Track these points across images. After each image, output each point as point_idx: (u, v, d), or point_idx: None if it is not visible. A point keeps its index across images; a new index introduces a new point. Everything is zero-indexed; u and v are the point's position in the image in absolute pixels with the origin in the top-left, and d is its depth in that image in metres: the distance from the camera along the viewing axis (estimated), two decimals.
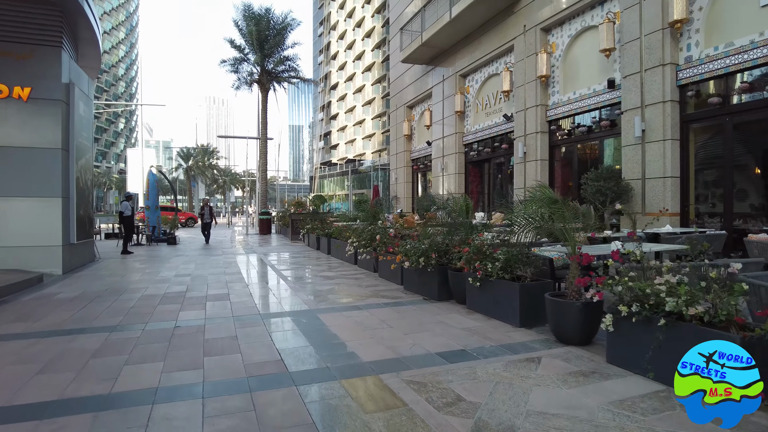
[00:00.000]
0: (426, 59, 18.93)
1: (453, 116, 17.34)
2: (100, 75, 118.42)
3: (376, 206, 23.98)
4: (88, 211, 10.11)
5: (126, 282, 7.98)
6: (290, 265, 10.05)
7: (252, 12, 20.44)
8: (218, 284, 7.59)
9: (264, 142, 22.57)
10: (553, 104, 12.94)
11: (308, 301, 6.09)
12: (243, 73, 21.68)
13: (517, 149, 13.68)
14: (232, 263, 10.44)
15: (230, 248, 14.53)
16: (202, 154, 71.73)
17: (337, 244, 10.63)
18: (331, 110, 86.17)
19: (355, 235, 8.63)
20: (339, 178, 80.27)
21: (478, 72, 16.45)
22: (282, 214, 20.94)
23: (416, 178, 22.21)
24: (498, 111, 15.44)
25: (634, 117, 10.01)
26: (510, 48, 14.40)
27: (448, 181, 17.84)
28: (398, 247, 6.56)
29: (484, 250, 5.10)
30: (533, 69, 13.11)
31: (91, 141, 10.35)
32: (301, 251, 13.02)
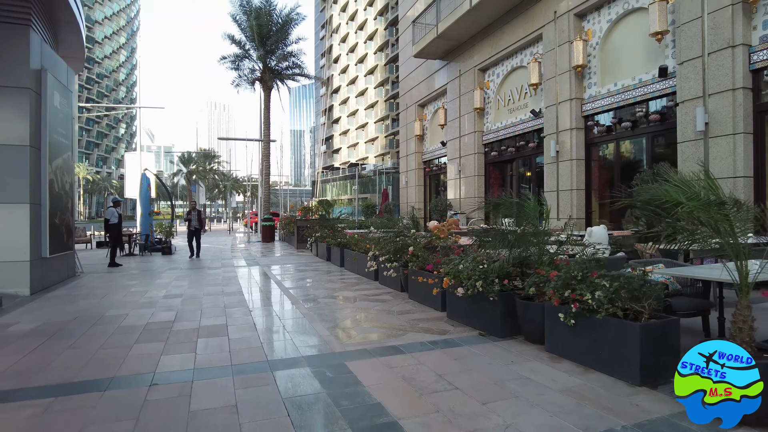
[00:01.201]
0: (440, 53, 17.62)
1: (471, 114, 16.00)
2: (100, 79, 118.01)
3: (385, 210, 22.69)
4: (66, 220, 8.75)
5: (104, 306, 6.61)
6: (299, 282, 8.68)
7: (251, 5, 19.13)
8: (215, 310, 6.22)
9: (267, 144, 21.25)
10: (589, 97, 11.59)
11: (329, 337, 4.72)
12: (244, 70, 20.38)
13: (549, 148, 12.33)
14: (232, 279, 9.07)
15: (230, 259, 13.16)
16: (202, 159, 70.53)
17: (353, 256, 9.24)
18: (333, 114, 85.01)
19: (377, 246, 7.24)
20: (342, 183, 78.97)
21: (500, 65, 15.12)
22: (287, 220, 19.56)
23: (429, 181, 20.86)
24: (524, 107, 14.09)
25: (695, 108, 8.66)
26: (538, 37, 13.07)
27: (466, 184, 16.49)
28: (440, 264, 5.18)
29: (575, 274, 3.73)
30: (566, 59, 11.78)
31: (70, 139, 9.01)
32: (309, 263, 11.64)
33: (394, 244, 6.71)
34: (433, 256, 5.87)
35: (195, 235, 13.67)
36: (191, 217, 14.15)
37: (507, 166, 15.46)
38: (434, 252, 6.15)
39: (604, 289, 3.51)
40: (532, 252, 4.53)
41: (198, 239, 13.71)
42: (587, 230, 5.56)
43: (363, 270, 8.39)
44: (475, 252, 5.07)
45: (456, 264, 4.72)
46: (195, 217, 13.99)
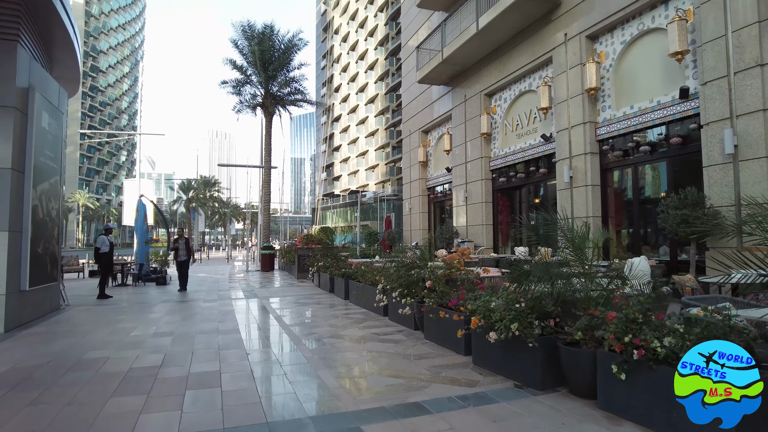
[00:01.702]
0: (445, 79, 17.36)
1: (478, 139, 15.59)
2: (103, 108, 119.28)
3: (388, 238, 22.06)
4: (50, 249, 8.12)
5: (84, 346, 5.92)
6: (301, 317, 7.99)
7: (254, 31, 18.98)
8: (208, 352, 5.53)
9: (267, 170, 20.80)
10: (604, 121, 11.16)
11: (337, 389, 4.04)
12: (245, 95, 20.10)
13: (562, 173, 11.82)
14: (228, 314, 8.37)
15: (227, 290, 12.46)
16: (202, 186, 70.22)
17: (359, 289, 8.55)
18: (333, 142, 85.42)
19: (387, 279, 6.60)
20: (342, 210, 78.61)
21: (507, 90, 14.79)
22: (287, 249, 18.91)
23: (433, 209, 20.32)
24: (533, 131, 13.67)
25: (723, 130, 8.17)
26: (547, 60, 12.76)
27: (473, 211, 15.93)
28: (465, 300, 4.54)
29: (636, 317, 3.10)
30: (578, 82, 11.40)
31: (60, 162, 8.48)
32: (311, 295, 10.95)
33: (408, 277, 6.06)
34: (455, 290, 5.22)
35: (183, 267, 12.31)
36: (178, 245, 12.62)
37: (516, 193, 14.95)
38: (455, 286, 5.50)
39: (676, 335, 2.87)
40: (578, 288, 3.89)
41: (185, 271, 12.32)
42: (628, 262, 4.96)
43: (371, 304, 7.71)
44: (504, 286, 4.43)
45: (486, 301, 4.07)
46: (182, 246, 12.55)
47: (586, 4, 11.30)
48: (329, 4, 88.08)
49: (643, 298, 3.29)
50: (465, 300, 4.59)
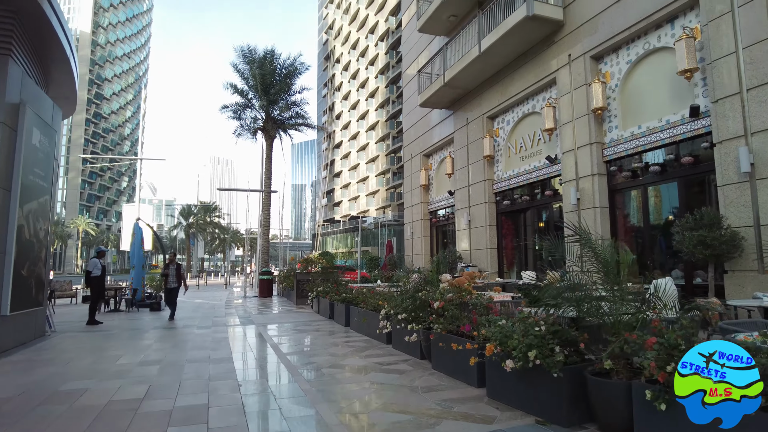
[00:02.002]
0: (447, 102, 17.28)
1: (481, 162, 15.36)
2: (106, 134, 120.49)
3: (390, 263, 21.63)
4: (36, 271, 7.73)
5: (64, 376, 5.48)
6: (299, 345, 7.54)
7: (254, 55, 19.05)
8: (197, 383, 5.09)
9: (267, 195, 20.55)
10: (611, 142, 10.92)
11: (339, 426, 3.62)
12: (246, 119, 20.04)
13: (569, 195, 11.51)
14: (222, 342, 7.91)
15: (223, 316, 11.98)
16: (202, 212, 70.07)
17: (361, 314, 8.12)
18: (334, 168, 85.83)
19: (391, 303, 6.18)
20: (342, 235, 78.29)
21: (510, 112, 14.64)
22: (286, 274, 18.45)
23: (435, 233, 19.95)
24: (537, 153, 13.44)
25: (738, 148, 7.89)
26: (551, 82, 12.63)
27: (476, 235, 15.56)
28: (478, 325, 4.13)
29: (678, 342, 2.71)
30: (584, 102, 11.23)
31: (51, 181, 8.18)
32: (310, 321, 10.48)
33: (413, 300, 5.65)
34: (467, 315, 4.81)
35: (172, 295, 11.62)
36: (168, 271, 11.82)
37: (520, 216, 14.62)
38: (466, 310, 5.09)
39: None
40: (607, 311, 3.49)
41: (173, 299, 11.63)
42: (652, 283, 4.58)
43: (373, 331, 7.27)
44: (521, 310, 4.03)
45: (503, 326, 3.67)
46: (173, 272, 11.75)
47: (589, 25, 11.23)
48: (330, 34, 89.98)
49: (687, 322, 2.90)
50: (478, 325, 4.18)
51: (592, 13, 11.12)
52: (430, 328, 5.28)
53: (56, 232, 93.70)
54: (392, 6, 64.50)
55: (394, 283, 8.48)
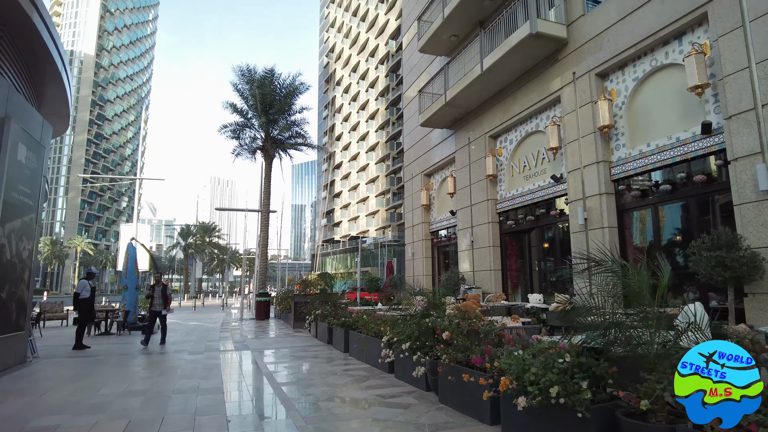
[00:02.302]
0: (448, 122, 17.10)
1: (483, 181, 15.07)
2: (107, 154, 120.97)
3: (390, 284, 21.14)
4: (18, 294, 7.32)
5: (36, 409, 5.02)
6: (296, 374, 7.07)
7: (253, 74, 18.92)
8: (181, 418, 4.64)
9: (266, 215, 20.20)
10: (618, 160, 10.63)
11: None
12: (245, 139, 19.81)
13: (575, 215, 11.17)
14: (213, 369, 7.45)
15: (217, 341, 11.49)
16: (201, 232, 69.63)
17: (361, 340, 7.66)
18: (334, 188, 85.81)
19: (394, 329, 5.76)
20: (341, 256, 77.72)
21: (513, 131, 14.42)
22: (283, 295, 17.95)
23: (437, 253, 19.54)
24: (542, 173, 13.15)
25: (755, 166, 7.58)
26: (555, 100, 12.43)
27: (479, 256, 15.16)
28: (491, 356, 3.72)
29: None
30: (590, 120, 10.98)
31: (37, 200, 7.83)
32: (307, 347, 9.99)
33: (419, 326, 5.23)
34: (477, 345, 4.39)
35: (156, 320, 10.91)
36: (154, 293, 10.99)
37: (525, 236, 14.24)
38: (477, 339, 4.67)
39: None
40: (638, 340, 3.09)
41: (163, 322, 10.96)
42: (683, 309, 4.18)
43: (374, 359, 6.81)
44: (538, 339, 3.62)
45: (521, 357, 3.26)
46: (158, 294, 10.87)
47: (594, 42, 11.06)
48: (331, 57, 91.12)
49: None
50: (491, 356, 3.77)
51: (597, 30, 10.97)
52: (437, 358, 4.85)
53: (54, 252, 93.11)
54: (392, 30, 65.42)
55: (395, 305, 8.05)
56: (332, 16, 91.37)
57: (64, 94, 9.05)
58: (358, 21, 77.99)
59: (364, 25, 75.25)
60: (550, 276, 13.38)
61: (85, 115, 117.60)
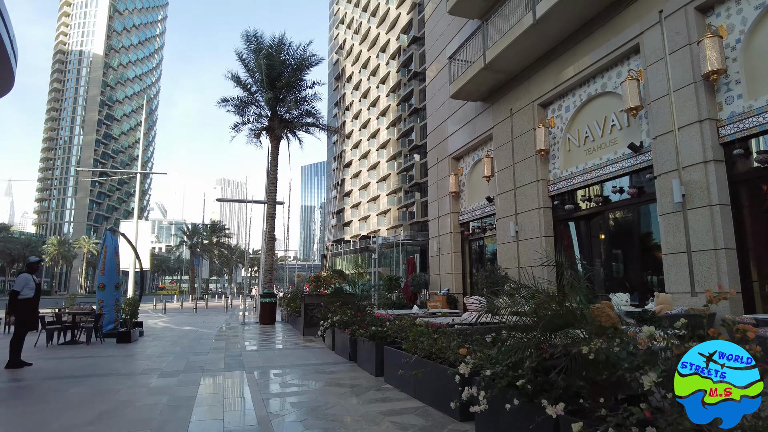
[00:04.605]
0: (484, 92, 14.56)
1: (532, 159, 12.51)
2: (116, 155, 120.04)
3: (412, 284, 18.62)
4: None
5: None
6: (308, 417, 4.56)
7: (261, 43, 16.47)
8: None
9: (272, 205, 17.79)
10: (731, 116, 8.03)
11: None
12: (249, 116, 17.36)
13: (667, 192, 8.59)
14: (181, 408, 4.97)
15: (206, 353, 9.05)
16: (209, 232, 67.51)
17: (410, 365, 5.05)
18: (344, 187, 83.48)
19: (485, 357, 3.24)
20: (352, 256, 75.16)
21: (570, 96, 11.85)
22: (292, 296, 15.48)
23: (468, 248, 16.97)
24: (611, 143, 10.57)
25: None
26: (631, 50, 9.87)
27: (526, 249, 12.59)
28: None
29: None
30: (687, 67, 8.40)
31: None
32: (323, 365, 7.49)
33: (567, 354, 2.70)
34: None
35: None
36: None
37: (587, 223, 11.65)
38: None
39: None
40: None
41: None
42: None
43: (432, 393, 4.29)
44: None
45: None
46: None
47: None
48: (341, 54, 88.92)
49: None
50: None
51: None
52: (604, 420, 2.32)
53: (61, 252, 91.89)
54: (404, 24, 63.02)
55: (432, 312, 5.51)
56: (342, 12, 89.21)
57: (7, 63, 6.69)
58: (369, 16, 75.70)
59: (375, 20, 72.94)
60: (624, 271, 10.77)
61: (94, 115, 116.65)
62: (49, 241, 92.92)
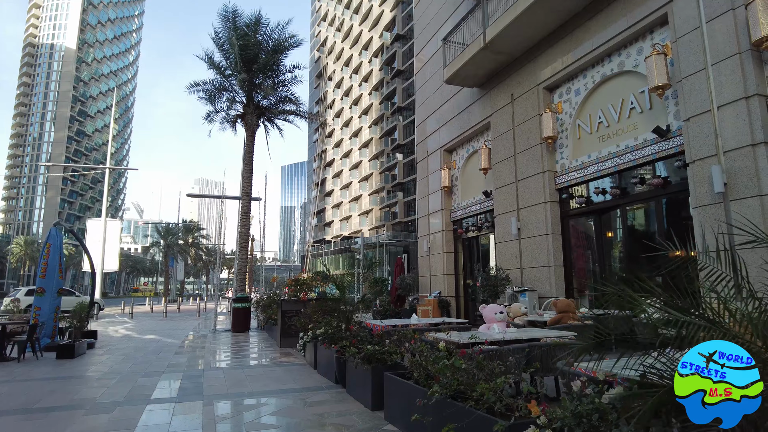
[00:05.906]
0: (481, 77, 13.29)
1: (537, 148, 11.27)
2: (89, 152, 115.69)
3: (400, 286, 17.24)
4: None
5: None
6: None
7: (238, 21, 14.85)
8: None
9: (247, 200, 16.20)
10: None
11: None
12: (221, 104, 15.74)
13: (702, 181, 7.41)
14: None
15: (160, 373, 7.48)
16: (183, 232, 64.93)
17: (428, 409, 3.59)
18: (325, 187, 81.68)
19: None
20: (333, 257, 73.42)
21: (581, 77, 10.65)
22: (267, 301, 13.91)
23: (461, 247, 15.68)
24: (630, 128, 9.38)
25: None
26: (656, 22, 8.71)
27: (530, 248, 11.35)
28: None
29: None
30: (728, 37, 7.25)
31: None
32: (304, 392, 6.01)
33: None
34: None
35: None
36: None
37: (600, 219, 10.43)
38: None
39: None
40: None
41: None
42: None
43: None
44: None
45: None
46: None
47: None
48: (323, 51, 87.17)
49: None
50: None
51: None
52: None
53: (27, 252, 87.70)
54: (387, 21, 61.72)
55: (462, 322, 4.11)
56: (324, 9, 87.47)
57: None
58: (351, 13, 74.19)
59: (357, 17, 71.47)
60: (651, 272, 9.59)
61: (66, 110, 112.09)
62: (15, 240, 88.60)
